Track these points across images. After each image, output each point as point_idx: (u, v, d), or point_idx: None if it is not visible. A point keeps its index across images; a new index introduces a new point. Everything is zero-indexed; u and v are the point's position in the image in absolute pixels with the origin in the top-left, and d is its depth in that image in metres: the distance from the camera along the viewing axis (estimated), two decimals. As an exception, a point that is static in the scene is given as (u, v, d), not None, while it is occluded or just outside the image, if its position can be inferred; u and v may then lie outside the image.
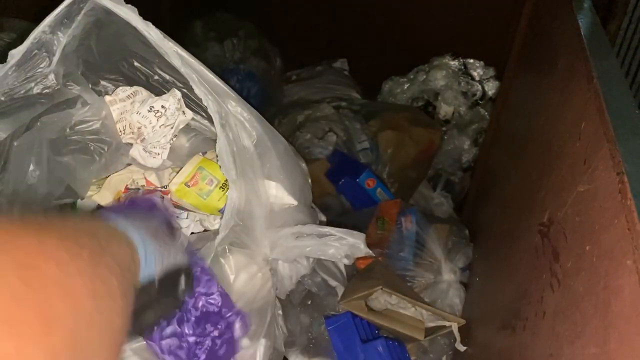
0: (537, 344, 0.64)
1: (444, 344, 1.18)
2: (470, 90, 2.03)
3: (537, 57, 1.20)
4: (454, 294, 1.20)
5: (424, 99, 2.07)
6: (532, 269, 0.74)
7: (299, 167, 0.94)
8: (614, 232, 0.47)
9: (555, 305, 0.60)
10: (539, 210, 0.76)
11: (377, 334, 1.12)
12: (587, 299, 0.51)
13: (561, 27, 0.98)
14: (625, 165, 0.49)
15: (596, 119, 0.60)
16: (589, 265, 0.52)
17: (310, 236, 0.85)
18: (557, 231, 0.66)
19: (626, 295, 0.43)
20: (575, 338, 0.52)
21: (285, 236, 0.85)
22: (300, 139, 1.68)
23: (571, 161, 0.66)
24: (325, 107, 1.79)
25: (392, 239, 1.25)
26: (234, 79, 1.88)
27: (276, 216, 0.86)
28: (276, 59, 2.04)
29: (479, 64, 2.04)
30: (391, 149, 1.73)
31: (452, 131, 2.02)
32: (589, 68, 0.68)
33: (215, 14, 2.06)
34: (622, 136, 0.53)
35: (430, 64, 2.08)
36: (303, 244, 0.84)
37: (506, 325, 0.81)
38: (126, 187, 0.87)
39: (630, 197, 0.46)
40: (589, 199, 0.57)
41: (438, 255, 1.23)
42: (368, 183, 1.55)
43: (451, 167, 2.02)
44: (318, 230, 0.86)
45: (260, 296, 0.84)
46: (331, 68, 2.17)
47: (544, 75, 1.05)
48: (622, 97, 0.61)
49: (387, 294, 1.12)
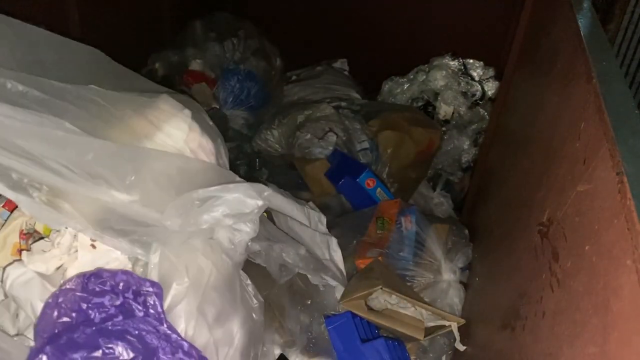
0: (537, 344, 0.64)
1: (443, 343, 1.18)
2: (470, 91, 2.03)
3: (536, 57, 1.20)
4: (454, 294, 1.20)
5: (424, 99, 2.07)
6: (531, 268, 0.74)
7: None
8: (613, 232, 0.48)
9: (555, 305, 0.60)
10: (538, 210, 0.76)
11: (377, 334, 1.12)
12: (586, 299, 0.51)
13: (561, 27, 0.98)
14: (625, 165, 0.49)
15: (596, 119, 0.60)
16: (589, 265, 0.52)
17: (204, 202, 0.79)
18: (556, 231, 0.66)
19: (626, 295, 0.43)
20: (574, 338, 0.52)
21: (186, 206, 0.78)
22: (300, 139, 1.68)
23: (571, 161, 0.67)
24: (325, 107, 1.79)
25: (392, 239, 1.25)
26: (234, 79, 1.88)
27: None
28: (276, 59, 2.04)
29: (478, 64, 2.04)
30: (391, 149, 1.73)
31: (452, 131, 2.02)
32: (589, 68, 0.68)
33: (215, 14, 2.06)
34: (621, 136, 0.53)
35: (430, 64, 2.08)
36: (206, 217, 0.78)
37: (506, 325, 0.81)
38: (21, 233, 0.80)
39: (630, 197, 0.46)
40: (589, 199, 0.57)
41: (438, 255, 1.23)
42: (368, 183, 1.55)
43: (451, 167, 2.02)
44: (203, 194, 0.79)
45: (214, 276, 0.80)
46: (331, 68, 2.17)
47: (544, 75, 1.05)
48: (622, 97, 0.62)
49: (387, 294, 1.12)
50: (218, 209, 0.79)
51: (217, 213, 0.79)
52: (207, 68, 1.87)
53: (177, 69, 1.83)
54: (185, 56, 1.85)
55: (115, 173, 0.74)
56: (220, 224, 0.81)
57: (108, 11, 1.65)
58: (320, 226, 1.11)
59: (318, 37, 2.18)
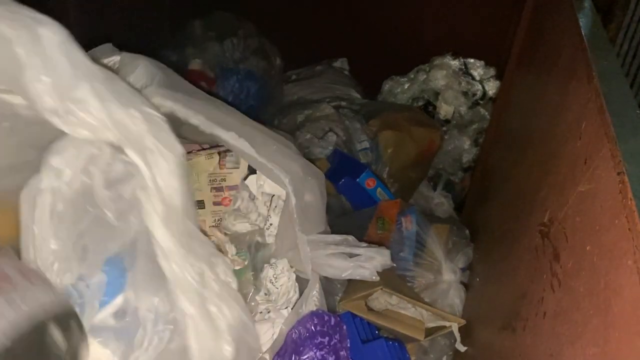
0: (538, 344, 0.64)
1: (444, 344, 1.18)
2: (471, 90, 2.03)
3: (537, 56, 1.20)
4: (454, 294, 1.20)
5: (424, 99, 2.07)
6: (532, 269, 0.74)
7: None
8: (614, 232, 0.47)
9: (556, 305, 0.60)
10: (539, 210, 0.76)
11: (377, 334, 1.11)
12: (587, 299, 0.51)
13: (561, 26, 0.98)
14: (626, 165, 0.49)
15: (597, 118, 0.59)
16: (590, 265, 0.52)
17: (342, 256, 0.90)
18: (557, 231, 0.65)
19: (627, 295, 0.43)
20: (575, 338, 0.52)
21: (319, 256, 0.90)
22: (300, 138, 1.67)
23: (572, 161, 0.66)
24: (325, 107, 1.78)
25: (392, 239, 1.25)
26: (234, 79, 1.88)
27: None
28: (276, 59, 2.04)
29: (479, 63, 2.04)
30: (391, 149, 1.72)
31: (452, 131, 2.01)
32: (590, 68, 0.68)
33: (215, 14, 2.06)
34: (622, 136, 0.53)
35: (430, 63, 2.08)
36: (338, 265, 0.90)
37: (506, 326, 0.81)
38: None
39: (631, 197, 0.46)
40: (590, 199, 0.57)
41: (438, 256, 1.23)
42: (368, 183, 1.55)
43: (451, 167, 2.02)
44: (348, 250, 0.91)
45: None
46: (331, 68, 2.17)
47: (545, 74, 1.05)
48: (623, 96, 0.61)
49: (387, 294, 1.12)
50: (372, 270, 0.92)
51: (367, 272, 0.92)
52: (206, 67, 1.86)
53: (176, 69, 1.82)
54: (185, 56, 1.84)
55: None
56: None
57: (107, 10, 1.64)
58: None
59: (318, 37, 2.17)
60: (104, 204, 0.63)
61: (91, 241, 0.64)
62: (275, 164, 0.85)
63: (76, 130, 0.57)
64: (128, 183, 0.63)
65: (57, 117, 0.55)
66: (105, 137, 0.59)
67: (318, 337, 0.83)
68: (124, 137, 0.59)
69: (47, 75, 0.53)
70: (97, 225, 0.64)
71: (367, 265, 0.90)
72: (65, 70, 0.53)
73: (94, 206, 0.63)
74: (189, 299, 0.65)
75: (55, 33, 0.54)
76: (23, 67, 0.52)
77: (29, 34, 0.52)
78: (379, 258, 0.91)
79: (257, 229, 0.98)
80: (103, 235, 0.64)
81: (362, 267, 0.90)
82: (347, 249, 0.92)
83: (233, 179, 1.01)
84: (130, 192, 0.63)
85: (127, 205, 0.64)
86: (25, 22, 0.53)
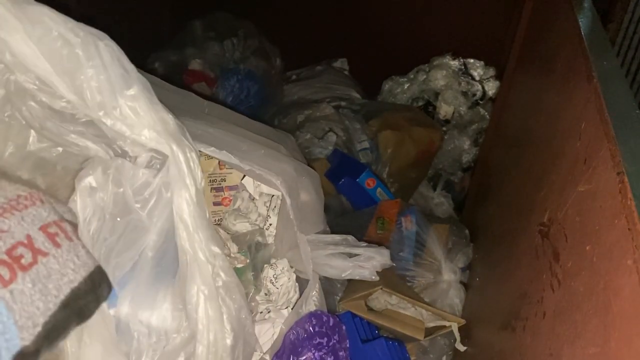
0: (537, 344, 0.64)
1: (444, 344, 1.18)
2: (471, 90, 2.03)
3: (537, 57, 1.20)
4: (454, 294, 1.20)
5: (424, 99, 2.07)
6: (532, 269, 0.74)
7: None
8: (614, 232, 0.47)
9: (556, 305, 0.60)
10: (539, 210, 0.76)
11: (377, 334, 1.11)
12: (587, 299, 0.51)
13: (561, 27, 0.98)
14: (626, 165, 0.49)
15: (596, 118, 0.59)
16: (589, 265, 0.52)
17: (341, 256, 0.91)
18: (557, 231, 0.65)
19: (626, 295, 0.43)
20: (575, 338, 0.52)
21: (319, 255, 0.90)
22: (300, 138, 1.67)
23: (571, 161, 0.66)
24: (325, 107, 1.78)
25: (392, 239, 1.25)
26: (234, 79, 1.88)
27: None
28: (276, 59, 2.04)
29: (479, 63, 2.03)
30: (391, 149, 1.72)
31: (452, 131, 2.01)
32: (589, 68, 0.68)
33: (215, 14, 2.06)
34: (622, 136, 0.53)
35: (430, 63, 2.08)
36: (338, 265, 0.90)
37: (506, 326, 0.81)
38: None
39: (631, 197, 0.46)
40: (589, 199, 0.57)
41: (438, 255, 1.23)
42: (368, 183, 1.55)
43: (451, 167, 2.02)
44: (348, 250, 0.92)
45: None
46: (331, 68, 2.17)
47: (544, 75, 1.05)
48: (623, 96, 0.61)
49: (387, 294, 1.12)
50: (371, 270, 0.92)
51: (367, 272, 0.92)
52: (206, 68, 1.86)
53: (176, 69, 1.82)
54: (185, 56, 1.84)
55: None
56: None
57: (107, 10, 1.65)
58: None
59: (318, 37, 2.17)
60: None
61: (115, 254, 0.69)
62: (265, 168, 0.85)
63: (116, 124, 0.65)
64: (148, 187, 0.68)
65: (102, 111, 0.64)
66: (138, 132, 0.66)
67: (316, 337, 0.83)
68: (164, 131, 0.66)
69: (103, 74, 0.63)
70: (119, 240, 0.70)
71: (367, 265, 0.90)
72: (118, 73, 0.63)
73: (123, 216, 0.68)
74: (205, 283, 0.69)
75: (111, 45, 0.64)
76: (82, 67, 0.62)
77: (89, 42, 0.63)
78: (378, 258, 0.91)
79: (257, 229, 0.98)
80: (121, 248, 0.70)
81: (362, 267, 0.90)
82: (347, 248, 0.92)
83: (233, 179, 1.01)
84: (155, 196, 0.68)
85: (133, 227, 0.68)
86: (86, 34, 0.64)
